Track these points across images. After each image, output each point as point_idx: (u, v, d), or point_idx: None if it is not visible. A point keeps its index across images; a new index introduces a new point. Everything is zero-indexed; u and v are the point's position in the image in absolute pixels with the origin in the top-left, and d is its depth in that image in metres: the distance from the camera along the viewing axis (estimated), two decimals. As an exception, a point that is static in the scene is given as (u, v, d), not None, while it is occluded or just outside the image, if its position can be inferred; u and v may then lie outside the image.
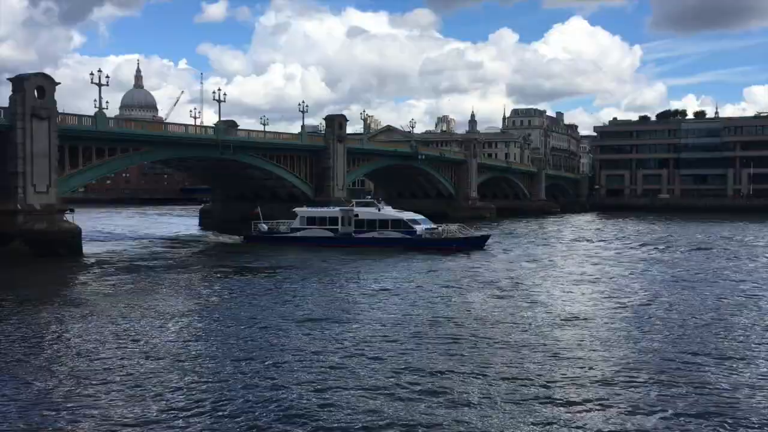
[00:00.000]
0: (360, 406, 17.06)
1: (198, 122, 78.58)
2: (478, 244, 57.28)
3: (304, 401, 17.50)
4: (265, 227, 63.34)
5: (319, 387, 18.57)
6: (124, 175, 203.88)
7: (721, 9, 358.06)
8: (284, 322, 27.04)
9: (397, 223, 58.19)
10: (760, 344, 23.63)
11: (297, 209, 63.55)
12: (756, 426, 15.86)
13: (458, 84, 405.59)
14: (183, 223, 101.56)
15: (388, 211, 60.14)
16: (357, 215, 59.39)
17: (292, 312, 29.35)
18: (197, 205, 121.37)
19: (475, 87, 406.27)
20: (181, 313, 29.55)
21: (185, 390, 18.42)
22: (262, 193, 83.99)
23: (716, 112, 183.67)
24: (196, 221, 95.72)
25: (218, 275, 42.15)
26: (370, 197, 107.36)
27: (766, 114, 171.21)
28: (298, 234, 60.67)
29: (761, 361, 21.42)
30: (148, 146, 66.31)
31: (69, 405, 17.28)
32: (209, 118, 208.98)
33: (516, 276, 41.06)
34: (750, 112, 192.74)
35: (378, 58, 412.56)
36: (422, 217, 61.22)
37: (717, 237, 73.47)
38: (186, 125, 72.92)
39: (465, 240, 57.39)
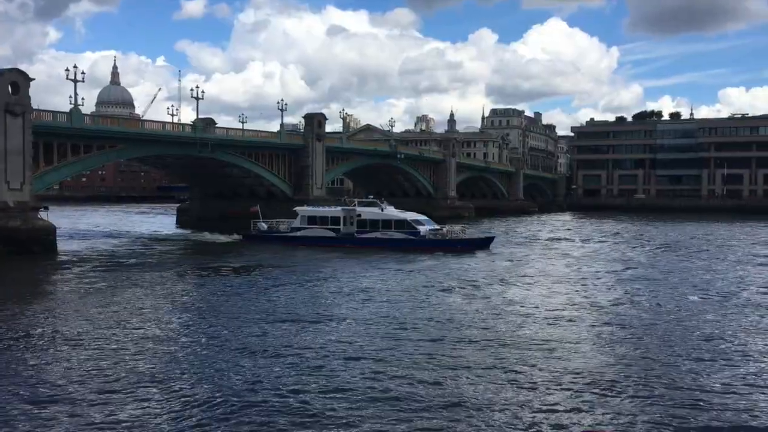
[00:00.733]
0: (339, 406, 17.06)
1: (176, 120, 78.07)
2: (483, 245, 56.49)
3: (283, 401, 17.45)
4: (264, 226, 62.34)
5: (297, 387, 18.52)
6: (99, 172, 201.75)
7: (696, 12, 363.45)
8: (266, 322, 26.82)
9: (401, 224, 56.94)
10: (729, 341, 24.02)
11: (298, 208, 62.44)
12: (731, 421, 16.11)
13: (438, 84, 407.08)
14: (160, 221, 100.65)
15: (391, 212, 58.76)
16: (359, 215, 58.12)
17: (275, 311, 29.16)
18: (175, 203, 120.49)
19: (454, 87, 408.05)
20: (157, 312, 29.29)
21: (160, 392, 18.23)
22: (241, 192, 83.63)
23: (691, 114, 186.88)
24: (173, 219, 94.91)
25: (197, 274, 41.80)
26: (348, 196, 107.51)
27: (740, 116, 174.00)
28: (298, 234, 59.54)
29: (733, 355, 21.79)
30: (125, 143, 65.63)
31: (40, 405, 17.04)
32: (187, 115, 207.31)
33: (504, 275, 41.13)
34: (724, 114, 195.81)
35: (358, 57, 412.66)
36: (425, 217, 60.18)
37: (690, 237, 74.52)
38: (163, 123, 72.31)
39: (470, 241, 56.71)
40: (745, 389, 18.48)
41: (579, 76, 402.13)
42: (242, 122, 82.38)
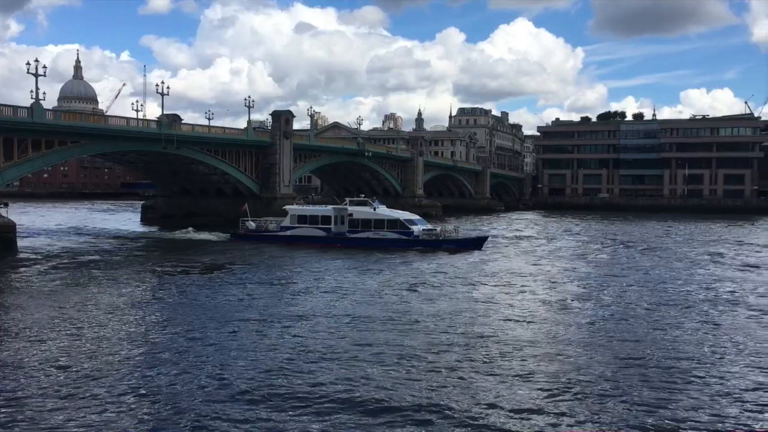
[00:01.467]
0: (307, 406, 17.09)
1: (140, 115, 76.85)
2: (476, 244, 56.18)
3: (250, 400, 17.44)
4: (253, 225, 61.32)
5: (265, 386, 18.52)
6: (62, 168, 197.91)
7: (659, 14, 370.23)
8: (239, 320, 26.70)
9: (393, 223, 56.15)
10: (686, 335, 24.65)
11: (288, 207, 61.41)
12: (700, 416, 16.49)
13: (406, 82, 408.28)
14: (124, 218, 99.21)
15: (384, 211, 58.06)
16: (351, 214, 57.32)
17: (250, 310, 29.05)
18: (139, 200, 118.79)
19: (422, 85, 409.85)
20: (119, 311, 28.89)
21: (123, 391, 18.08)
22: (207, 189, 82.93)
23: (654, 115, 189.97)
24: (138, 216, 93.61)
25: (168, 272, 41.11)
26: (315, 194, 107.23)
27: (700, 117, 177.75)
28: (288, 233, 58.51)
29: (697, 352, 22.36)
30: (88, 139, 64.50)
31: None
32: (152, 111, 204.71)
33: (489, 274, 41.41)
34: (686, 115, 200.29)
35: (326, 55, 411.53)
36: (418, 217, 59.75)
37: (651, 235, 76.05)
38: (128, 118, 71.18)
39: (465, 241, 56.50)
40: (711, 388, 18.98)
41: (545, 76, 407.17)
42: (209, 119, 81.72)
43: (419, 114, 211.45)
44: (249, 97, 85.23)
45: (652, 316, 28.38)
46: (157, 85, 75.25)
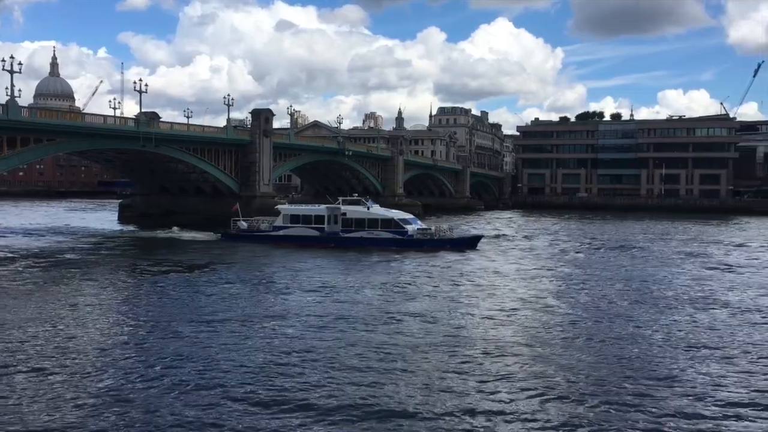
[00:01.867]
0: (286, 406, 17.05)
1: (118, 113, 76.02)
2: (471, 244, 56.09)
3: (229, 399, 17.35)
4: (244, 225, 60.47)
5: (244, 386, 18.43)
6: (37, 167, 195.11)
7: (638, 15, 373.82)
8: (218, 321, 26.55)
9: (387, 223, 55.71)
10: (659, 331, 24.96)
11: (280, 206, 60.55)
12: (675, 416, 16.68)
13: (386, 81, 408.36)
14: (102, 217, 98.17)
15: (377, 210, 57.58)
16: (344, 214, 56.69)
17: (227, 310, 28.90)
18: (117, 199, 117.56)
19: (403, 84, 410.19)
20: (96, 311, 28.62)
21: (99, 392, 17.92)
22: (186, 187, 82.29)
23: (632, 115, 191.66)
24: (115, 216, 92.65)
25: (147, 273, 40.66)
26: (295, 193, 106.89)
27: (677, 117, 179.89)
28: (280, 233, 57.64)
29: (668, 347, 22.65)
30: (64, 137, 63.73)
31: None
32: (130, 109, 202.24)
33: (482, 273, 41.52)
34: (663, 115, 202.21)
35: (306, 53, 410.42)
36: (412, 216, 59.31)
37: (629, 234, 76.86)
38: (105, 116, 70.44)
39: (459, 240, 56.17)
40: (688, 386, 19.23)
41: (525, 76, 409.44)
42: (187, 117, 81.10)
43: (399, 113, 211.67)
44: (228, 95, 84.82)
45: (630, 315, 28.73)
46: (135, 82, 74.56)
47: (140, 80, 73.64)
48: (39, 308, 28.43)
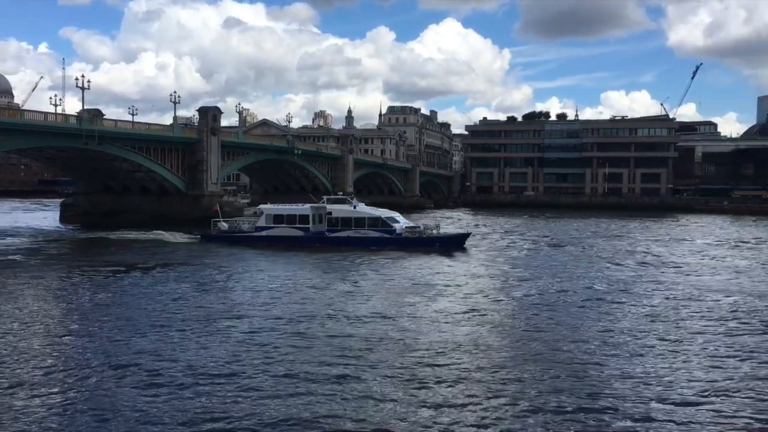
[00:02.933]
0: (240, 408, 16.97)
1: (59, 110, 74.00)
2: (459, 242, 55.36)
3: (181, 404, 17.18)
4: (225, 226, 58.75)
5: (198, 387, 18.27)
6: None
7: (582, 18, 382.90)
8: (170, 324, 26.08)
9: (375, 221, 54.66)
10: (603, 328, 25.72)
11: (262, 206, 58.88)
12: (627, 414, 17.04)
13: (336, 80, 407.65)
14: (43, 217, 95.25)
15: (364, 209, 56.37)
16: (330, 213, 55.32)
17: (184, 311, 28.46)
18: (59, 198, 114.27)
19: (352, 83, 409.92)
20: (46, 314, 27.83)
21: (47, 399, 17.51)
22: (131, 186, 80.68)
23: (576, 115, 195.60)
24: (57, 215, 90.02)
25: (85, 274, 39.63)
26: (232, 190, 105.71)
27: (620, 118, 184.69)
28: (263, 233, 55.93)
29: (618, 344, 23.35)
30: (2, 135, 61.75)
31: None
32: (72, 106, 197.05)
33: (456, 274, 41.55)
34: (606, 116, 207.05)
35: (255, 51, 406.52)
36: (398, 214, 58.53)
37: (574, 231, 78.71)
38: (45, 113, 68.45)
39: (448, 238, 55.43)
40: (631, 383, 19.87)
41: (473, 76, 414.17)
42: (132, 114, 79.56)
43: (349, 112, 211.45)
44: (175, 92, 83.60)
45: (576, 312, 29.46)
46: (77, 78, 72.63)
47: (83, 76, 72.03)
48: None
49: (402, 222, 55.90)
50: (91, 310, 28.34)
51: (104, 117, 75.97)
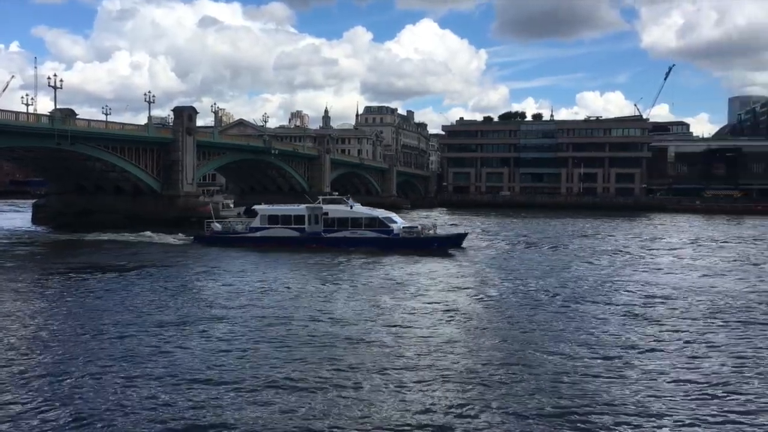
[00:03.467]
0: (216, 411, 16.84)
1: (31, 110, 72.78)
2: (457, 242, 54.62)
3: (158, 404, 17.01)
4: (218, 227, 57.78)
5: (176, 386, 18.09)
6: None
7: (557, 19, 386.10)
8: (153, 326, 25.80)
9: (372, 222, 53.71)
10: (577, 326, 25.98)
11: (257, 207, 57.79)
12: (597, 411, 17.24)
13: (313, 80, 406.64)
14: (15, 218, 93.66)
15: (360, 209, 55.42)
16: (326, 213, 54.51)
17: (164, 312, 28.15)
18: (31, 199, 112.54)
19: (329, 83, 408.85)
20: (22, 316, 27.38)
21: (23, 401, 17.23)
22: (104, 186, 79.73)
23: (552, 115, 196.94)
24: (29, 216, 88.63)
25: (70, 277, 38.72)
26: (215, 190, 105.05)
27: (594, 118, 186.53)
28: (258, 234, 55.00)
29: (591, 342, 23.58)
30: (-28, 134, 60.64)
31: None
32: (45, 106, 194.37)
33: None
34: (581, 116, 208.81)
35: (231, 50, 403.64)
36: (394, 214, 57.88)
37: (552, 231, 79.39)
38: (17, 113, 67.24)
39: (446, 239, 54.87)
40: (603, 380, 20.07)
41: (450, 77, 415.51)
42: (106, 114, 78.45)
43: (326, 112, 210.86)
44: (149, 92, 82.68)
45: (557, 312, 29.73)
46: (49, 78, 71.54)
47: (55, 75, 71.04)
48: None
49: (399, 222, 55.32)
50: (74, 314, 27.89)
51: (77, 117, 74.95)
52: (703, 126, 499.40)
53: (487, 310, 29.73)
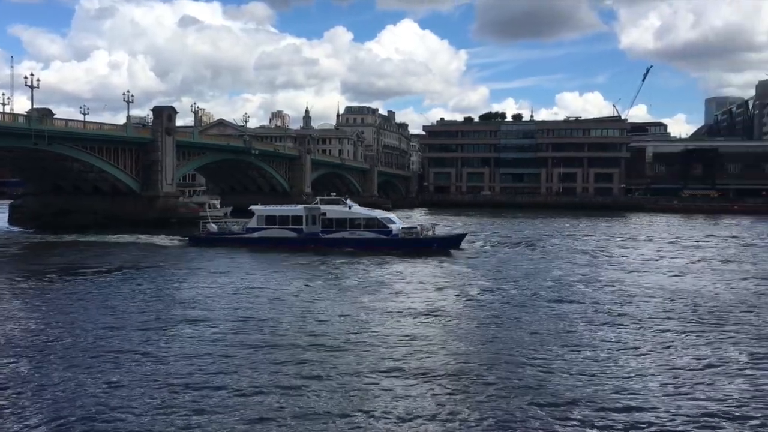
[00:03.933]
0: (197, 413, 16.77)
1: (8, 109, 71.88)
2: (456, 243, 54.51)
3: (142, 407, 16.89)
4: (214, 227, 57.14)
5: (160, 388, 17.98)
6: None
7: (537, 20, 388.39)
8: (136, 328, 25.52)
9: (371, 222, 53.35)
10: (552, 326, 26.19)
11: (254, 207, 56.88)
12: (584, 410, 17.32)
13: (294, 80, 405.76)
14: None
15: (358, 209, 55.06)
16: (324, 213, 53.93)
17: (146, 314, 27.97)
18: (8, 199, 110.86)
19: (310, 83, 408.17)
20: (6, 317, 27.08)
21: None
22: (82, 186, 78.88)
23: (532, 116, 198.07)
24: (4, 216, 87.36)
25: (45, 277, 38.61)
26: (201, 190, 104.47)
27: (574, 119, 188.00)
28: (255, 235, 54.44)
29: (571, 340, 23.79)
30: (-53, 134, 59.73)
31: None
32: (22, 105, 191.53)
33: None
34: (561, 116, 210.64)
35: (211, 50, 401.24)
36: (393, 214, 57.22)
37: (524, 230, 79.90)
38: (-8, 112, 66.44)
39: (446, 239, 54.66)
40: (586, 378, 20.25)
41: (430, 77, 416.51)
42: (84, 114, 77.67)
43: (307, 112, 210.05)
44: (128, 91, 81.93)
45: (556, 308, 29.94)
46: (26, 77, 70.75)
47: (32, 75, 70.30)
48: None
49: (398, 222, 55.05)
50: (74, 315, 27.67)
51: (55, 116, 74.15)
52: (681, 126, 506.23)
53: (486, 310, 29.80)
